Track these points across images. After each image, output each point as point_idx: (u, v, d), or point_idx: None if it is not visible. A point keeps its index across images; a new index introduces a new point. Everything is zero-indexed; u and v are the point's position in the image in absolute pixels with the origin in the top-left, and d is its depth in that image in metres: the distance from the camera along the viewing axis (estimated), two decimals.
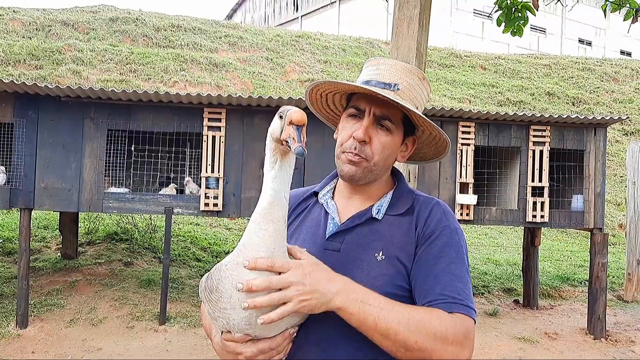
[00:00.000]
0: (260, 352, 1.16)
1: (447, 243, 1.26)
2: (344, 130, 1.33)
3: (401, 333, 1.10)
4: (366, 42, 19.71)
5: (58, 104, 5.74)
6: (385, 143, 1.31)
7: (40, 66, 12.98)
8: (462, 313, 1.17)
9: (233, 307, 1.10)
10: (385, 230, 1.30)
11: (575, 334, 6.53)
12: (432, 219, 1.29)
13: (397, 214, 1.32)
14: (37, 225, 8.82)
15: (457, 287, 1.20)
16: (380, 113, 1.29)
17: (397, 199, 1.35)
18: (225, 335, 1.17)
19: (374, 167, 1.31)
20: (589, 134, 6.48)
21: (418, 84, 1.35)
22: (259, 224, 1.12)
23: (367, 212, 1.33)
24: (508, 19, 4.12)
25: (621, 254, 10.30)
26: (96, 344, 5.44)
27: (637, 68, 19.87)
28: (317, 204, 1.42)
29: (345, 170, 1.31)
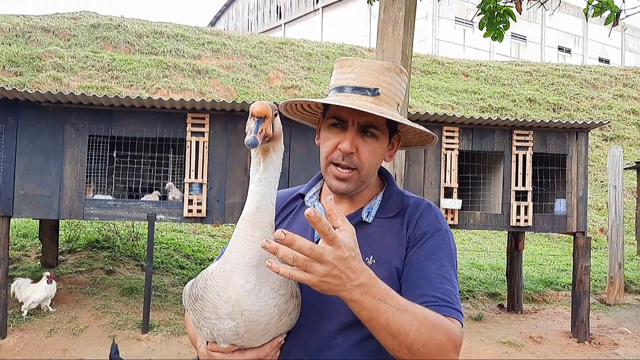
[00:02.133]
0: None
1: (438, 245, 1.24)
2: (328, 140, 1.27)
3: (412, 335, 1.06)
4: (349, 49, 19.80)
5: (38, 109, 5.64)
6: (373, 150, 1.27)
7: (20, 73, 12.80)
8: (453, 317, 1.16)
9: (218, 316, 1.06)
10: (376, 233, 1.26)
11: (560, 337, 6.57)
12: (424, 220, 1.27)
13: (387, 217, 1.29)
14: (16, 234, 8.65)
15: (448, 290, 1.18)
16: (365, 122, 1.24)
17: (387, 201, 1.32)
18: (210, 346, 1.12)
19: (364, 176, 1.27)
20: (571, 139, 6.56)
21: (397, 80, 1.28)
22: (245, 230, 1.07)
23: (357, 216, 1.29)
24: (490, 22, 4.15)
25: (603, 258, 10.41)
26: (77, 353, 5.32)
27: (615, 75, 20.23)
28: (303, 207, 1.37)
29: (334, 186, 1.27)
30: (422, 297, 1.16)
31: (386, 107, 1.25)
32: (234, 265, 1.05)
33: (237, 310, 1.04)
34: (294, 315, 1.14)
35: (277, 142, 1.13)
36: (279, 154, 1.13)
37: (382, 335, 1.07)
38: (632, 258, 10.45)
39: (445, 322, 1.12)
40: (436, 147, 6.29)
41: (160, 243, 8.99)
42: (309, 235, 1.29)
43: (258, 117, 1.04)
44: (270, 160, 1.10)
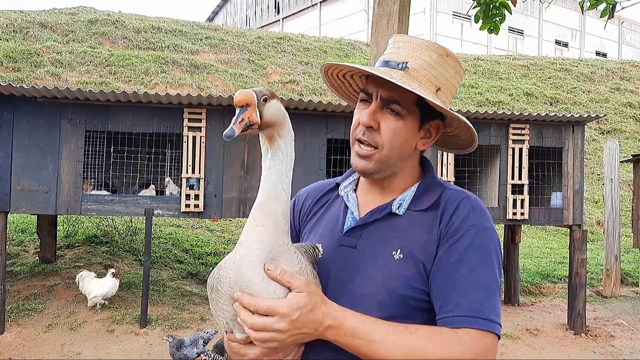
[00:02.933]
0: (264, 354, 1.09)
1: (471, 245, 1.12)
2: (355, 116, 1.22)
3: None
4: (347, 43, 19.76)
5: (34, 105, 5.64)
6: (395, 129, 1.17)
7: (18, 68, 12.77)
8: (480, 329, 1.05)
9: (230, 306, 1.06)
10: (406, 226, 1.18)
11: (556, 329, 6.60)
12: (458, 215, 1.15)
13: (420, 210, 1.20)
14: (14, 229, 8.67)
15: (478, 297, 1.07)
16: (387, 96, 1.16)
17: (422, 193, 1.22)
18: (229, 335, 1.12)
19: (386, 158, 1.19)
20: (567, 132, 6.57)
21: (438, 61, 1.18)
22: (256, 220, 1.05)
23: (387, 207, 1.21)
24: (486, 15, 4.16)
25: (599, 251, 10.45)
26: (75, 348, 5.35)
27: (612, 68, 20.22)
28: (338, 197, 1.32)
29: (355, 163, 1.21)
30: (447, 306, 1.09)
31: (415, 84, 1.15)
32: (243, 256, 1.04)
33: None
34: None
35: (278, 127, 1.07)
36: (287, 140, 1.09)
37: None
38: (629, 250, 10.49)
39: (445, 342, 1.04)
40: None
41: (158, 238, 9.01)
42: (339, 225, 1.26)
43: (239, 106, 1.02)
44: (277, 147, 1.07)
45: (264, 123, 1.04)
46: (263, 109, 1.03)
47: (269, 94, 1.05)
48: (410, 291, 1.12)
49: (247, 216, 6.36)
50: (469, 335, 1.04)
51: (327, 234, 1.26)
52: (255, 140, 5.96)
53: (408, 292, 1.12)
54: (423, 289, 1.12)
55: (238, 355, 1.12)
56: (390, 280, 1.13)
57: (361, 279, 1.15)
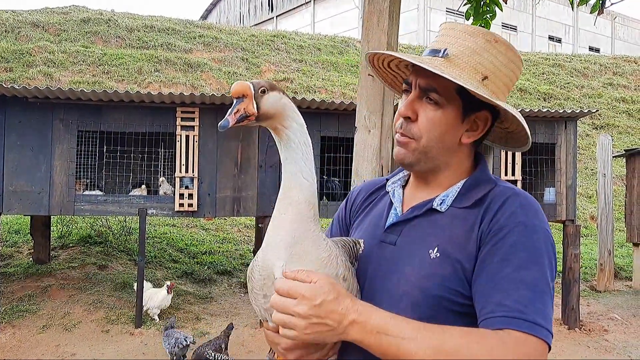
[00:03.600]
0: (296, 345, 1.06)
1: (518, 242, 1.02)
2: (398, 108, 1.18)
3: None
4: (341, 41, 19.75)
5: (25, 105, 5.62)
6: (433, 119, 1.11)
7: (10, 68, 12.71)
8: (524, 332, 0.94)
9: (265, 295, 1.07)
10: (446, 224, 1.11)
11: None
12: (504, 212, 1.06)
13: (464, 207, 1.12)
14: (8, 230, 8.64)
15: (524, 297, 0.97)
16: (425, 84, 1.11)
17: (469, 189, 1.14)
18: (265, 323, 1.12)
19: (424, 148, 1.13)
20: (560, 128, 6.59)
21: (485, 47, 1.11)
22: (279, 210, 1.05)
23: (429, 203, 1.15)
24: (476, 12, 4.16)
25: (593, 245, 10.50)
26: (70, 349, 5.34)
27: (605, 64, 20.30)
28: (387, 194, 1.28)
29: (395, 154, 1.17)
30: (487, 307, 0.99)
31: (456, 71, 1.10)
32: (268, 245, 1.06)
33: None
34: None
35: (280, 119, 1.05)
36: (295, 130, 1.06)
37: None
38: (622, 245, 10.55)
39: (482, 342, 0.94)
40: None
41: (153, 237, 9.00)
42: (382, 221, 1.22)
43: (235, 97, 1.02)
44: (287, 138, 1.06)
45: (262, 115, 1.02)
46: (260, 101, 1.02)
47: (267, 86, 1.03)
48: (446, 292, 1.06)
49: (241, 215, 6.32)
50: (510, 337, 0.94)
51: (370, 229, 1.23)
52: (248, 138, 5.96)
53: (442, 293, 1.06)
54: (459, 290, 1.05)
55: (273, 343, 1.11)
56: (424, 280, 1.07)
57: (397, 277, 1.11)
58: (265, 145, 5.97)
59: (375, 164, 3.80)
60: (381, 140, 3.78)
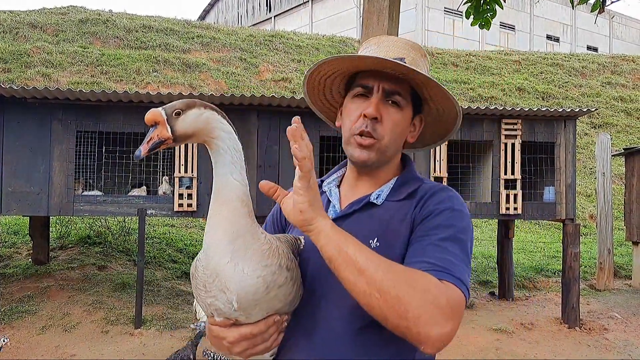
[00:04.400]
0: (243, 337, 1.11)
1: (443, 223, 1.15)
2: (352, 111, 1.25)
3: (380, 272, 1.00)
4: (339, 41, 19.75)
5: (24, 106, 5.60)
6: (396, 120, 1.23)
7: (9, 69, 12.68)
8: (452, 283, 1.05)
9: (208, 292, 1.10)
10: (384, 216, 1.22)
11: (550, 323, 6.63)
12: (433, 200, 1.20)
13: (397, 200, 1.24)
14: (6, 231, 8.62)
15: (449, 261, 1.08)
16: (390, 88, 1.22)
17: (401, 185, 1.27)
18: (210, 319, 1.15)
19: (385, 148, 1.24)
20: (559, 127, 6.59)
21: (421, 60, 1.28)
22: (213, 209, 1.10)
23: (366, 198, 1.26)
24: (477, 11, 4.16)
25: (593, 244, 10.51)
26: (70, 350, 5.32)
27: (603, 63, 20.31)
28: (323, 194, 1.36)
29: (356, 155, 1.24)
30: (416, 264, 1.09)
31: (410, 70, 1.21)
32: (209, 244, 1.09)
33: (221, 285, 1.07)
34: (289, 291, 1.12)
35: (204, 134, 1.09)
36: (223, 138, 1.10)
37: (349, 272, 1.02)
38: (621, 244, 10.56)
39: (426, 275, 1.03)
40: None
41: (152, 238, 8.98)
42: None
43: (149, 125, 1.05)
44: (216, 147, 1.10)
45: (179, 136, 1.06)
46: (175, 124, 1.05)
47: (183, 107, 1.06)
48: None
49: None
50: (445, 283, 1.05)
51: None
52: (248, 138, 5.95)
53: None
54: None
55: (218, 338, 1.14)
56: None
57: None
58: (265, 146, 5.96)
59: None
60: None
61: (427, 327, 0.98)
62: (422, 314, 0.98)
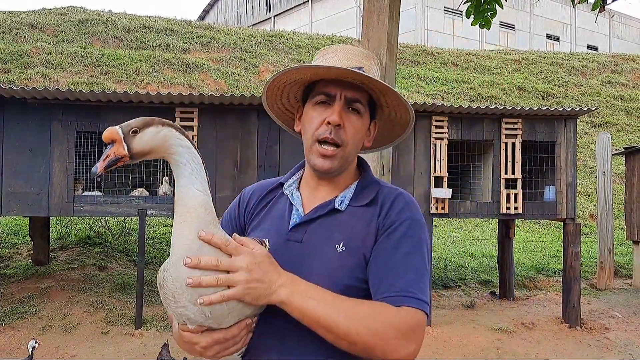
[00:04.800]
0: (216, 342, 1.15)
1: (405, 234, 1.23)
2: (315, 118, 1.29)
3: (343, 325, 1.10)
4: (339, 40, 19.74)
5: (24, 106, 5.60)
6: (357, 127, 1.29)
7: (8, 70, 12.67)
8: (412, 307, 1.15)
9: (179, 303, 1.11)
10: (348, 221, 1.27)
11: (551, 323, 6.63)
12: (394, 209, 1.27)
13: (360, 205, 1.30)
14: (7, 232, 8.61)
15: (411, 280, 1.18)
16: (351, 96, 1.28)
17: (362, 190, 1.33)
18: (181, 326, 1.17)
19: (348, 155, 1.29)
20: (560, 126, 6.59)
21: (375, 68, 1.36)
22: (177, 220, 1.12)
23: (330, 203, 1.30)
24: (477, 10, 4.15)
25: (593, 244, 10.50)
26: (70, 350, 5.32)
27: (603, 62, 20.30)
28: (283, 196, 1.39)
29: (319, 164, 1.28)
30: (382, 286, 1.18)
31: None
32: (178, 256, 1.09)
33: (194, 295, 1.08)
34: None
35: (162, 151, 1.13)
36: (181, 153, 1.13)
37: (319, 331, 1.12)
38: (622, 243, 10.55)
39: (385, 311, 1.14)
40: (426, 137, 6.31)
41: (152, 238, 8.98)
42: (285, 221, 1.32)
43: (106, 143, 1.08)
44: (175, 161, 1.13)
45: (136, 154, 1.09)
46: (132, 142, 1.08)
47: (140, 125, 1.09)
48: (353, 281, 1.21)
49: None
50: (404, 310, 1.15)
51: (274, 230, 1.32)
52: (248, 139, 5.95)
53: (350, 282, 1.21)
54: (364, 277, 1.22)
55: (189, 344, 1.17)
56: (334, 272, 1.21)
57: (308, 271, 1.21)
58: (265, 146, 5.96)
59: (376, 162, 3.79)
60: None
61: (394, 354, 1.11)
62: (387, 349, 1.11)
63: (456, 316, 6.72)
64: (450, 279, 8.44)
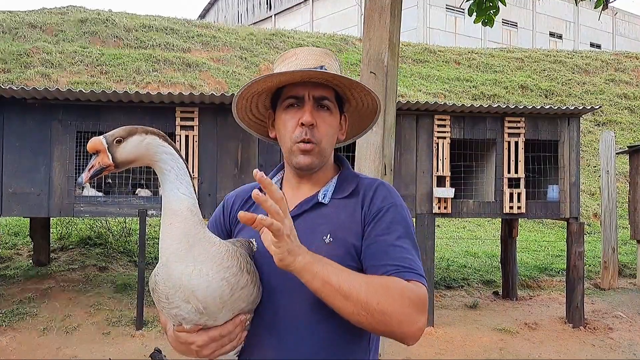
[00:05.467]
0: (212, 339, 1.17)
1: (394, 219, 1.28)
2: (287, 122, 1.33)
3: (363, 293, 1.11)
4: (340, 39, 19.69)
5: (24, 106, 5.57)
6: (329, 123, 1.34)
7: (8, 70, 12.66)
8: (414, 280, 1.19)
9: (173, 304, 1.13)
10: (332, 213, 1.32)
11: (555, 323, 6.58)
12: (378, 197, 1.32)
13: (342, 197, 1.34)
14: (7, 232, 8.59)
15: (407, 259, 1.23)
16: (319, 94, 1.32)
17: (342, 183, 1.38)
18: (177, 327, 1.18)
19: (323, 151, 1.34)
20: (563, 125, 6.54)
21: (335, 64, 1.39)
22: (165, 223, 1.14)
23: (314, 198, 1.35)
24: (479, 8, 4.11)
25: (597, 243, 10.45)
26: (71, 351, 5.29)
27: (607, 60, 20.22)
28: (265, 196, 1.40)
29: (301, 161, 1.32)
30: (382, 267, 1.21)
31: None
32: (168, 256, 1.11)
33: (187, 293, 1.10)
34: (250, 291, 1.17)
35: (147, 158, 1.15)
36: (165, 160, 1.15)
37: (337, 300, 1.12)
38: (626, 242, 10.49)
39: (397, 281, 1.17)
40: (428, 136, 6.26)
41: (153, 238, 8.94)
42: None
43: (92, 153, 1.12)
44: (160, 168, 1.16)
45: (120, 163, 1.13)
46: (116, 151, 1.11)
47: (124, 135, 1.12)
48: None
49: None
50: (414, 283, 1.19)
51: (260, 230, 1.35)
52: (249, 138, 5.91)
53: None
54: (353, 265, 1.24)
55: (185, 344, 1.18)
56: None
57: None
58: (266, 145, 5.92)
59: (378, 162, 3.75)
60: (384, 138, 3.73)
61: (407, 326, 1.14)
62: (403, 319, 1.13)
63: (459, 316, 6.67)
64: (453, 279, 8.39)
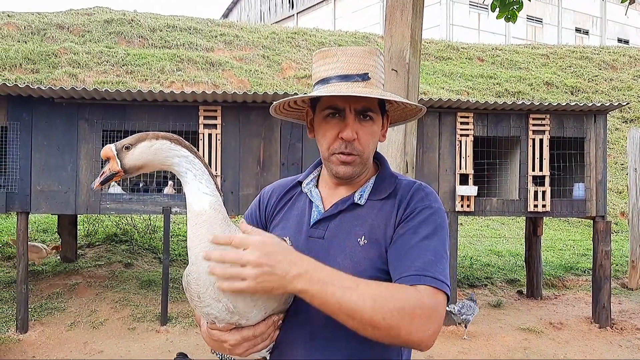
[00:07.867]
0: (244, 339, 1.17)
1: (424, 220, 1.24)
2: (327, 132, 1.30)
3: (367, 312, 1.07)
4: (362, 36, 19.64)
5: (52, 105, 5.69)
6: (371, 132, 1.31)
7: (37, 70, 12.93)
8: (431, 286, 1.14)
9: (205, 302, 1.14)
10: (368, 215, 1.30)
11: (581, 323, 6.48)
12: (413, 199, 1.29)
13: (379, 199, 1.32)
14: (36, 229, 8.78)
15: (429, 260, 1.18)
16: (361, 107, 1.28)
17: (380, 184, 1.35)
18: (210, 325, 1.19)
19: (366, 160, 1.32)
20: (589, 121, 6.42)
21: (380, 62, 1.33)
22: (191, 224, 1.15)
23: (350, 198, 1.33)
24: (502, 3, 4.06)
25: (624, 242, 10.24)
26: (97, 346, 5.40)
27: (635, 55, 19.77)
28: (302, 194, 1.41)
29: (341, 171, 1.30)
30: (401, 268, 1.18)
31: (376, 90, 1.29)
32: (197, 256, 1.12)
33: (217, 292, 1.10)
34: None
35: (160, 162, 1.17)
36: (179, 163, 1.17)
37: (341, 318, 1.08)
38: None
39: (407, 291, 1.12)
40: (450, 134, 6.22)
41: (177, 235, 9.06)
42: (306, 218, 1.35)
43: (104, 159, 1.17)
44: (177, 171, 1.18)
45: (129, 169, 1.16)
46: (124, 158, 1.15)
47: (133, 141, 1.15)
48: (376, 272, 1.22)
49: None
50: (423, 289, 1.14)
51: (295, 227, 1.35)
52: (270, 136, 5.94)
53: (374, 273, 1.21)
54: (385, 269, 1.23)
55: (218, 342, 1.19)
56: (357, 265, 1.23)
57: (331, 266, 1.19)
58: (288, 143, 5.95)
59: (400, 160, 3.74)
60: (405, 135, 3.72)
61: (418, 335, 1.09)
62: (412, 330, 1.09)
63: (482, 315, 6.61)
64: (477, 278, 8.32)
